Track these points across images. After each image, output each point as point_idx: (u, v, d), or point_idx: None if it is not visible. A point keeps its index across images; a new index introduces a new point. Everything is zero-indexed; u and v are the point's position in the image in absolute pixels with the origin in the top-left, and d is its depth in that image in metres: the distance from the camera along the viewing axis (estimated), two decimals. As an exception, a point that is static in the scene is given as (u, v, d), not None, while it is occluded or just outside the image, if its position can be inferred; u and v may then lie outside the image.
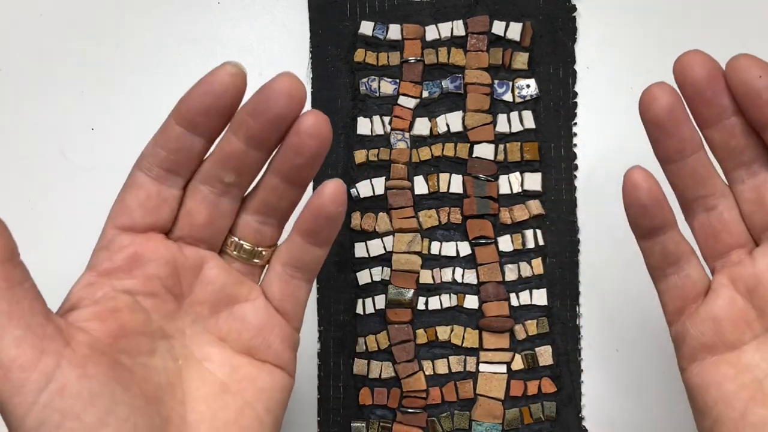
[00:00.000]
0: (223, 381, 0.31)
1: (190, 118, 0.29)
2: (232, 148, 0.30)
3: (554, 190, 0.44)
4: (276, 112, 0.29)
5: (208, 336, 0.31)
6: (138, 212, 0.30)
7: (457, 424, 0.43)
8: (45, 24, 0.46)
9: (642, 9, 0.45)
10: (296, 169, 0.30)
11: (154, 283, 0.30)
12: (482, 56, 0.44)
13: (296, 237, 0.32)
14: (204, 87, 0.29)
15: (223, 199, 0.31)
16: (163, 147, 0.29)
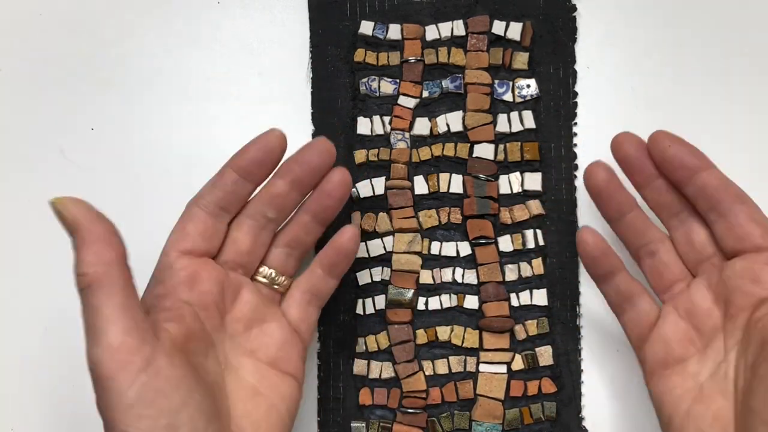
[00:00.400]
0: (254, 385, 0.37)
1: (246, 168, 0.37)
2: (277, 190, 0.38)
3: (554, 190, 0.44)
4: (317, 163, 0.38)
5: (241, 348, 0.38)
6: (197, 240, 0.37)
7: (457, 425, 0.43)
8: (45, 24, 0.46)
9: (642, 9, 0.45)
10: (325, 209, 0.39)
11: (207, 299, 0.37)
12: (482, 56, 0.44)
13: (317, 269, 0.40)
14: (259, 145, 0.37)
15: (262, 232, 0.38)
16: (220, 189, 0.37)
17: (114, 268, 0.31)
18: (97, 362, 0.31)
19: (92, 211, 0.32)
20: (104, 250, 0.31)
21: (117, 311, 0.31)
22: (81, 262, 0.31)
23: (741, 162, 0.44)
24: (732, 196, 0.36)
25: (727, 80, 0.44)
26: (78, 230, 0.31)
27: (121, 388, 0.31)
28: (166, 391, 0.31)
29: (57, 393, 0.45)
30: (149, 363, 0.31)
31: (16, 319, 0.45)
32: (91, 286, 0.31)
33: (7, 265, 0.45)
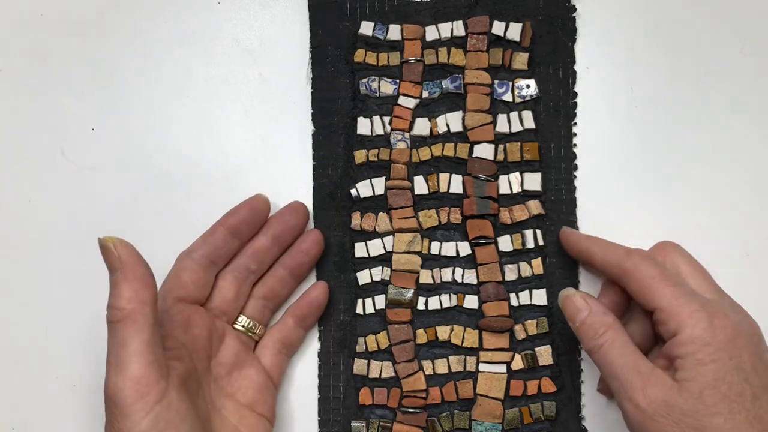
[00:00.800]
0: (235, 425, 0.40)
1: (236, 227, 0.42)
2: (260, 245, 0.42)
3: (554, 190, 0.44)
4: (294, 222, 0.43)
5: (224, 390, 0.41)
6: (191, 289, 0.41)
7: (457, 424, 0.43)
8: (45, 24, 0.46)
9: (642, 9, 0.45)
10: (300, 265, 0.43)
11: (198, 343, 0.40)
12: (482, 56, 0.44)
13: (288, 320, 0.43)
14: (248, 207, 0.42)
15: (244, 283, 0.43)
16: (211, 245, 0.41)
17: (147, 307, 0.34)
18: (118, 391, 0.34)
19: (136, 253, 0.35)
20: (142, 289, 0.34)
21: (142, 346, 0.34)
22: (118, 297, 0.34)
23: (740, 161, 0.44)
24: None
25: (726, 80, 0.44)
26: (122, 268, 0.34)
27: (137, 417, 0.34)
28: (176, 423, 0.35)
29: (57, 393, 0.45)
30: (164, 396, 0.34)
31: (17, 319, 0.45)
32: (124, 321, 0.34)
33: (8, 265, 0.45)
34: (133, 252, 0.35)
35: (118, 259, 0.34)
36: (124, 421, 0.34)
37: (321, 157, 0.44)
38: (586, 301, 0.39)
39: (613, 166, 0.44)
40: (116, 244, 0.35)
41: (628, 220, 0.44)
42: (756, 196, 0.44)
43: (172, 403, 0.35)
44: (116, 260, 0.34)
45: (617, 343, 0.37)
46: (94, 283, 0.45)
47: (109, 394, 0.34)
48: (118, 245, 0.35)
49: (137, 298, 0.34)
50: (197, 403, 0.38)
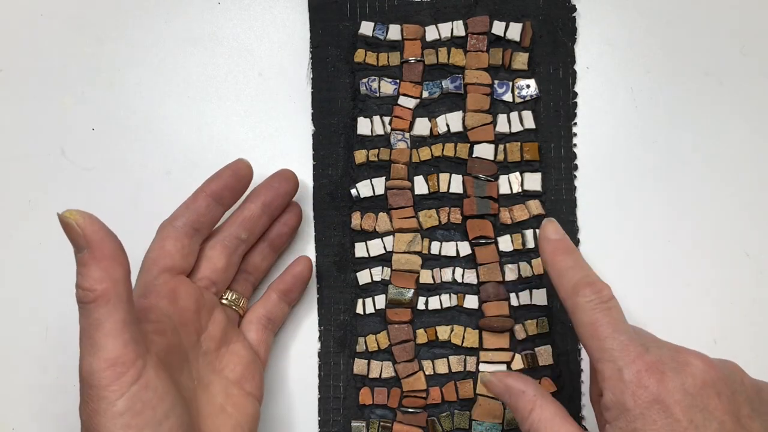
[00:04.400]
0: (221, 404, 0.39)
1: (219, 192, 0.40)
2: (250, 213, 0.41)
3: (554, 190, 0.44)
4: (285, 189, 0.42)
5: (212, 366, 0.39)
6: (176, 258, 0.39)
7: (457, 424, 0.43)
8: (45, 24, 0.46)
9: (642, 9, 0.45)
10: (280, 236, 0.43)
11: (185, 315, 0.38)
12: (482, 56, 0.44)
13: (273, 294, 0.43)
14: (231, 171, 0.41)
15: (234, 254, 0.41)
16: (194, 212, 0.39)
17: (120, 284, 0.32)
18: (93, 372, 0.32)
19: (102, 227, 0.32)
20: (113, 267, 0.32)
21: (118, 326, 0.32)
22: (88, 277, 0.32)
23: (740, 161, 0.44)
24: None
25: (725, 80, 0.44)
26: (89, 246, 0.32)
27: (112, 398, 0.32)
28: (153, 403, 0.33)
29: (57, 393, 0.45)
30: (140, 375, 0.33)
31: (17, 319, 0.45)
32: (96, 301, 0.32)
33: (8, 264, 0.45)
34: (99, 227, 0.32)
35: (82, 236, 0.32)
36: (99, 403, 0.32)
37: (321, 157, 0.44)
38: (502, 383, 0.37)
39: (613, 166, 0.44)
40: (78, 220, 0.32)
41: (628, 220, 0.44)
42: (756, 196, 0.44)
43: (150, 382, 0.33)
44: (80, 237, 0.32)
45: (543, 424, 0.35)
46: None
47: (83, 375, 0.32)
48: (81, 221, 0.32)
49: (108, 277, 0.32)
50: (180, 380, 0.36)
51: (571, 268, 0.36)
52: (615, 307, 0.35)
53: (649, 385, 0.32)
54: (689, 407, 0.32)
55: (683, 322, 0.43)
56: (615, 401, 0.33)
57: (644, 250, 0.44)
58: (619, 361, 0.33)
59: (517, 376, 0.37)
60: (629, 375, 0.32)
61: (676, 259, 0.43)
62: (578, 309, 0.35)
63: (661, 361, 0.33)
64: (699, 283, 0.43)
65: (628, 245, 0.44)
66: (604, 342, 0.33)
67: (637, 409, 0.32)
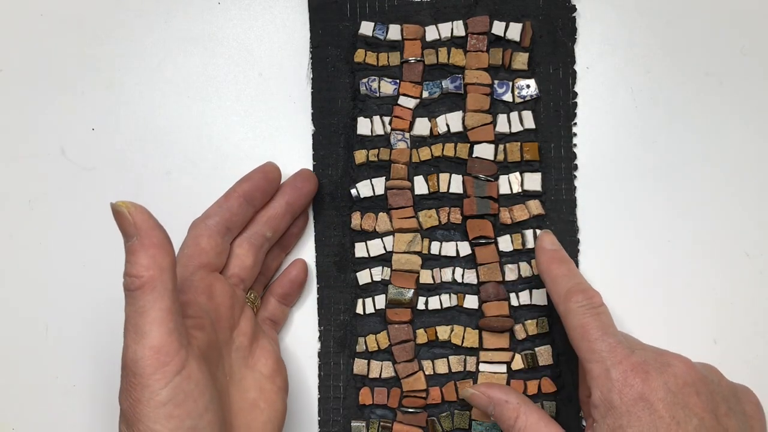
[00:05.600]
0: (254, 398, 0.39)
1: (250, 193, 0.41)
2: (275, 211, 0.42)
3: (554, 190, 0.44)
4: (307, 189, 0.43)
5: (244, 361, 0.40)
6: (211, 255, 0.39)
7: (457, 424, 0.43)
8: (45, 24, 0.46)
9: (642, 9, 0.45)
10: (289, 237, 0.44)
11: (221, 311, 0.39)
12: (482, 56, 0.44)
13: (271, 299, 0.43)
14: (262, 173, 0.42)
15: (260, 251, 0.42)
16: (227, 210, 0.40)
17: (167, 273, 0.33)
18: (137, 360, 0.32)
19: (151, 217, 0.33)
20: (160, 255, 0.33)
21: (163, 314, 0.33)
22: (136, 264, 0.32)
23: (740, 161, 0.44)
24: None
25: (726, 80, 0.44)
26: (139, 234, 0.33)
27: (156, 387, 0.32)
28: (195, 395, 0.33)
29: (57, 393, 0.45)
30: (183, 366, 0.33)
31: (17, 318, 0.45)
32: (143, 288, 0.32)
33: (8, 264, 0.45)
34: (148, 216, 0.33)
35: (133, 225, 0.33)
36: (143, 391, 0.32)
37: (321, 157, 0.44)
38: (485, 395, 0.39)
39: (613, 166, 0.44)
40: (130, 209, 0.33)
41: (628, 220, 0.44)
42: (756, 196, 0.44)
43: (192, 374, 0.33)
44: (131, 226, 0.33)
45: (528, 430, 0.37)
46: (94, 283, 0.45)
47: (127, 363, 0.33)
48: (132, 210, 0.33)
49: (156, 264, 0.32)
50: (216, 376, 0.37)
51: (564, 276, 0.39)
52: (604, 312, 0.37)
53: (635, 384, 0.34)
54: (672, 404, 0.34)
55: (683, 322, 0.43)
56: (602, 399, 0.35)
57: (644, 250, 0.44)
58: (607, 361, 0.35)
59: (498, 387, 0.39)
60: (616, 374, 0.35)
61: (676, 259, 0.43)
62: (570, 313, 0.37)
63: (645, 362, 0.35)
64: (699, 283, 0.43)
65: (628, 245, 0.44)
66: (593, 344, 0.36)
67: (623, 406, 0.34)
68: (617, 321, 0.43)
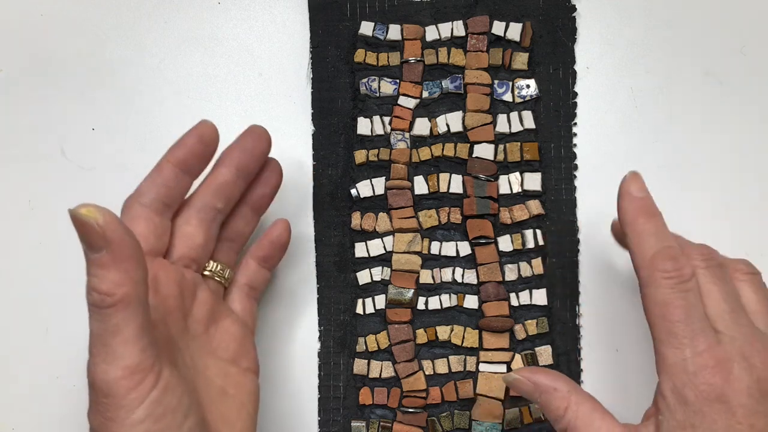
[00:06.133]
0: (221, 386, 0.36)
1: (185, 160, 0.36)
2: (224, 178, 0.37)
3: (554, 190, 0.44)
4: (260, 149, 0.38)
5: (204, 349, 0.36)
6: (150, 240, 0.35)
7: (457, 424, 0.43)
8: (45, 24, 0.46)
9: (641, 9, 0.45)
10: (261, 197, 0.40)
11: (169, 302, 0.35)
12: (482, 56, 0.44)
13: (251, 261, 0.40)
14: (196, 136, 0.36)
15: (212, 224, 0.37)
16: (161, 185, 0.35)
17: (140, 287, 0.30)
18: (109, 381, 0.30)
19: (121, 224, 0.29)
20: (134, 269, 0.29)
21: (137, 332, 0.30)
22: (105, 280, 0.29)
23: (740, 161, 0.44)
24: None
25: (726, 80, 0.44)
26: (109, 246, 0.29)
27: (132, 407, 0.30)
28: (173, 405, 0.31)
29: (57, 393, 0.45)
30: (159, 379, 0.31)
31: (17, 319, 0.45)
32: (116, 306, 0.29)
33: (8, 265, 0.45)
34: (118, 225, 0.29)
35: (102, 237, 0.28)
36: (117, 412, 0.29)
37: (321, 157, 0.44)
38: (530, 380, 0.35)
39: (613, 166, 0.44)
40: (98, 219, 0.28)
41: (628, 220, 0.44)
42: (756, 196, 0.44)
43: (168, 385, 0.31)
44: (100, 238, 0.28)
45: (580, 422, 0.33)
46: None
47: (97, 384, 0.30)
48: (100, 219, 0.28)
49: (130, 279, 0.29)
50: (184, 374, 0.34)
51: (653, 235, 0.34)
52: (693, 290, 0.33)
53: (715, 383, 0.31)
54: (752, 412, 0.31)
55: (683, 322, 0.43)
56: (674, 390, 0.31)
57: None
58: (687, 349, 0.31)
59: (545, 372, 0.35)
60: (695, 367, 0.31)
61: (676, 259, 0.43)
62: (653, 283, 0.33)
63: (730, 358, 0.31)
64: (699, 283, 0.43)
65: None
66: (674, 326, 0.32)
67: (698, 404, 0.31)
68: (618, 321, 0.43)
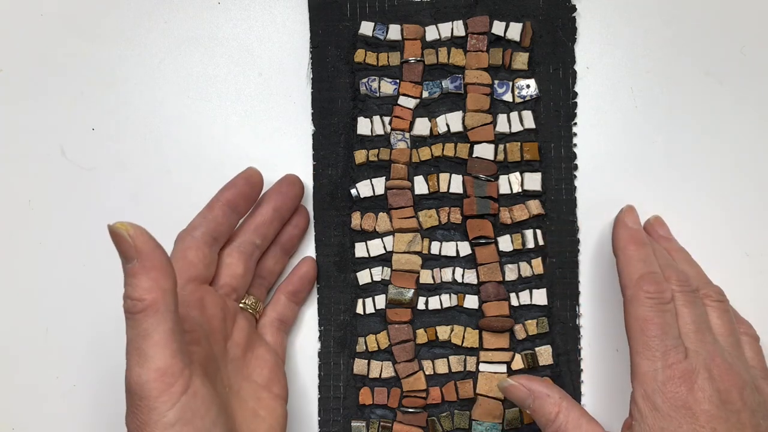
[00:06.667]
0: (253, 408, 0.39)
1: (234, 201, 0.41)
2: (262, 219, 0.42)
3: (554, 190, 0.44)
4: (294, 193, 0.43)
5: (240, 372, 0.40)
6: (200, 267, 0.39)
7: (457, 424, 0.43)
8: (45, 24, 0.46)
9: (641, 9, 0.45)
10: (291, 239, 0.44)
11: (214, 323, 0.39)
12: (482, 56, 0.44)
13: (281, 297, 0.43)
14: (245, 180, 0.41)
15: (250, 259, 0.42)
16: (212, 221, 0.40)
17: (169, 295, 0.33)
18: (143, 383, 0.32)
19: (151, 238, 0.33)
20: (162, 278, 0.32)
21: (167, 336, 0.32)
22: (137, 287, 0.32)
23: (740, 161, 0.44)
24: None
25: (726, 80, 0.44)
26: (140, 256, 0.32)
27: (163, 409, 0.32)
28: (201, 412, 0.33)
29: (57, 393, 0.45)
30: (189, 385, 0.33)
31: (17, 319, 0.45)
32: (145, 311, 0.32)
33: (8, 265, 0.45)
34: (149, 238, 0.33)
35: (133, 247, 0.32)
36: (150, 414, 0.32)
37: (321, 157, 0.44)
38: (525, 386, 0.38)
39: (613, 166, 0.44)
40: (130, 232, 0.32)
41: (628, 220, 0.44)
42: (756, 196, 0.44)
43: (198, 391, 0.33)
44: (131, 249, 0.32)
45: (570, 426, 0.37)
46: (94, 283, 0.45)
47: (132, 386, 0.33)
48: (132, 232, 0.32)
49: (158, 287, 0.32)
50: (218, 388, 0.37)
51: (641, 261, 0.39)
52: (670, 311, 0.37)
53: (680, 392, 0.35)
54: (714, 417, 0.35)
55: (683, 322, 0.43)
56: (646, 397, 0.35)
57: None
58: (659, 362, 0.36)
59: (539, 380, 0.39)
60: (664, 377, 0.35)
61: (676, 259, 0.44)
62: (636, 301, 0.37)
63: (695, 370, 0.35)
64: (699, 283, 0.43)
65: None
66: (650, 340, 0.36)
67: (665, 409, 0.35)
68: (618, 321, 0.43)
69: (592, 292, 0.43)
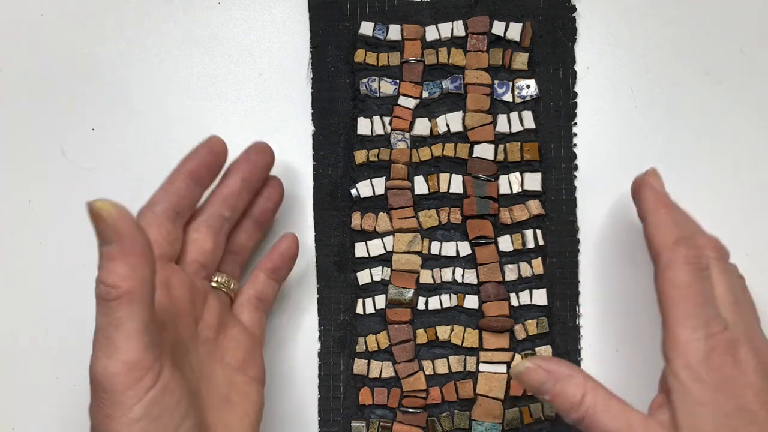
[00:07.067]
0: (225, 393, 0.37)
1: (197, 172, 0.38)
2: (230, 189, 0.39)
3: (554, 190, 0.44)
4: (263, 162, 0.41)
5: (211, 355, 0.37)
6: (163, 245, 0.36)
7: (457, 424, 0.43)
8: (45, 24, 0.46)
9: (642, 9, 0.45)
10: (264, 212, 0.41)
11: (181, 305, 0.36)
12: (482, 56, 0.44)
13: (260, 274, 0.41)
14: (207, 149, 0.39)
15: (220, 234, 0.39)
16: (174, 194, 0.37)
17: (147, 284, 0.30)
18: (108, 375, 0.30)
19: (134, 221, 0.30)
20: (141, 266, 0.30)
21: (140, 328, 0.30)
22: (113, 273, 0.30)
23: (740, 161, 0.44)
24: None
25: (726, 80, 0.44)
26: (119, 240, 0.30)
27: (129, 404, 0.30)
28: (170, 407, 0.31)
29: (57, 393, 0.45)
30: (158, 378, 0.31)
31: (17, 319, 0.45)
32: (120, 299, 0.30)
33: (8, 265, 0.45)
34: (130, 221, 0.30)
35: (113, 229, 0.29)
36: (115, 408, 0.30)
37: (321, 157, 0.44)
38: (544, 369, 0.35)
39: (613, 166, 0.44)
40: (111, 214, 0.29)
41: (627, 220, 0.44)
42: (756, 196, 0.44)
43: (167, 385, 0.31)
44: (110, 231, 0.29)
45: (599, 408, 0.34)
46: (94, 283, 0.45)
47: (96, 377, 0.30)
48: (114, 213, 0.29)
49: (136, 275, 0.30)
50: (187, 376, 0.34)
51: (675, 223, 0.36)
52: (708, 278, 0.35)
53: (725, 363, 0.33)
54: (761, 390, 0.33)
55: (683, 322, 0.43)
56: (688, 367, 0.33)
57: (644, 250, 0.44)
58: (701, 331, 0.33)
59: (558, 360, 0.36)
60: (707, 347, 0.33)
61: (676, 259, 0.43)
62: (674, 266, 0.34)
63: (738, 340, 0.33)
64: (699, 283, 0.43)
65: (628, 245, 0.44)
66: (693, 308, 0.33)
67: (710, 382, 0.32)
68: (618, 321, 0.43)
69: (592, 292, 0.43)
